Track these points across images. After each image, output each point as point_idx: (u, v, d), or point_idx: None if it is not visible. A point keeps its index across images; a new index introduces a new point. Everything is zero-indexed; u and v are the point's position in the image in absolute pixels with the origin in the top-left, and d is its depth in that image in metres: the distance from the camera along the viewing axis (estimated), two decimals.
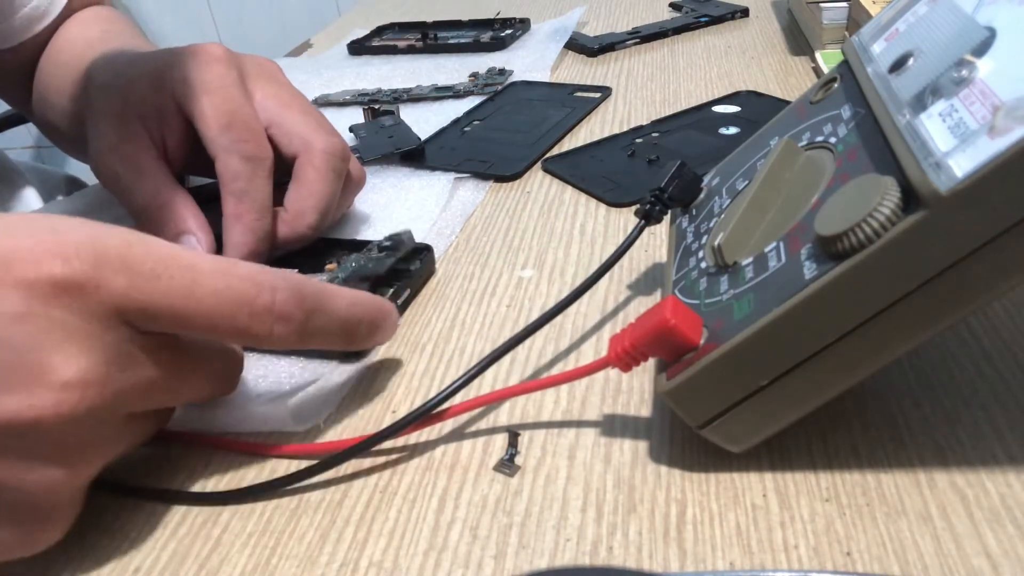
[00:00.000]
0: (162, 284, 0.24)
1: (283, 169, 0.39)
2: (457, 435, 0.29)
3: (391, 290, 0.35)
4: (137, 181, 0.37)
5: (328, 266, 0.38)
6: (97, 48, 0.48)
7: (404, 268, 0.37)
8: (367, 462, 0.28)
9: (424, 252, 0.38)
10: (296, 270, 0.36)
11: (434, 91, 0.63)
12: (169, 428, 0.30)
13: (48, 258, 0.22)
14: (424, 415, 0.27)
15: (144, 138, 0.38)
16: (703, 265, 0.28)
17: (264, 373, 0.32)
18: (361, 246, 0.39)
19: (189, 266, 0.25)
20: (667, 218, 0.33)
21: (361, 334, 0.29)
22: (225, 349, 0.29)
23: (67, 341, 0.22)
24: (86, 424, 0.23)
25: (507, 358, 0.32)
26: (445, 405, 0.27)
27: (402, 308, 0.36)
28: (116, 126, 0.38)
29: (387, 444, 0.28)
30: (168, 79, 0.38)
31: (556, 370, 0.31)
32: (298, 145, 0.39)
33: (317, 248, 0.39)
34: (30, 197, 0.65)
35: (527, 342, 0.33)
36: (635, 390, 0.30)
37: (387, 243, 0.38)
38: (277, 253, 0.39)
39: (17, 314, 0.22)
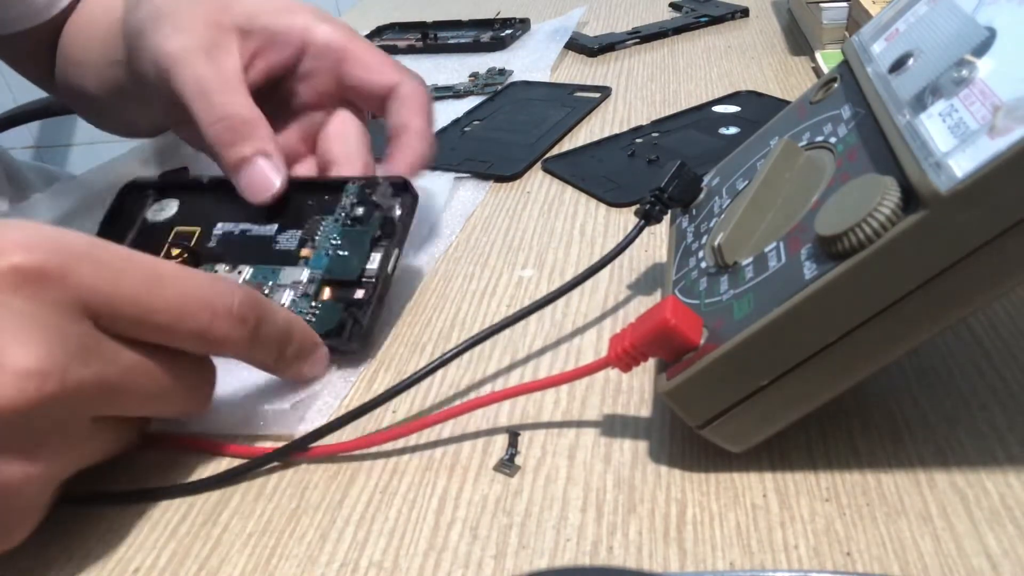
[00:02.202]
0: (127, 277, 0.24)
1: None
2: (457, 435, 0.29)
3: (379, 256, 0.34)
4: (225, 88, 0.35)
5: (304, 251, 0.35)
6: None
7: (386, 218, 0.35)
8: (367, 462, 0.28)
9: (403, 192, 0.35)
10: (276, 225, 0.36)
11: (434, 91, 0.63)
12: (168, 432, 0.30)
13: (11, 248, 0.23)
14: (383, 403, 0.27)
15: (236, 51, 0.37)
16: (703, 265, 0.28)
17: (263, 375, 0.32)
18: (330, 190, 0.36)
19: (152, 265, 0.25)
20: (667, 218, 0.33)
21: (291, 352, 0.30)
22: (196, 361, 0.28)
23: (26, 331, 0.22)
24: (48, 418, 0.22)
25: (507, 358, 0.32)
26: (437, 402, 0.27)
27: (392, 275, 0.34)
28: (206, 28, 0.36)
29: (387, 445, 0.29)
30: (301, 15, 0.38)
31: (556, 370, 0.31)
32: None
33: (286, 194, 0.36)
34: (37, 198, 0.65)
35: (527, 341, 0.33)
36: (635, 390, 0.30)
37: (359, 211, 0.35)
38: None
39: None
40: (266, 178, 0.35)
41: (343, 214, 0.36)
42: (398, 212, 0.35)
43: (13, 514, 0.23)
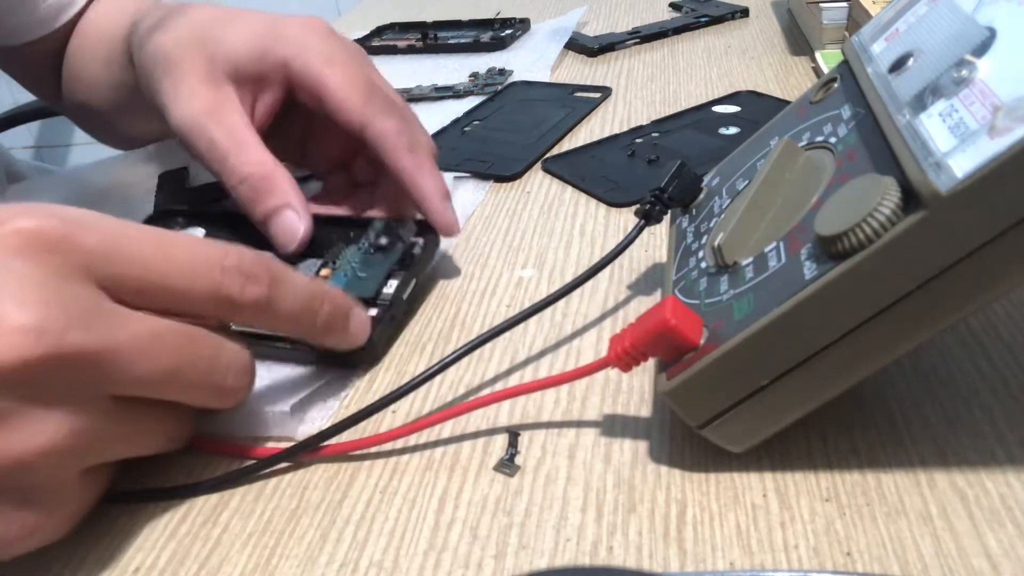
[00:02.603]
0: (132, 241, 0.24)
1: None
2: (457, 435, 0.29)
3: (396, 283, 0.34)
4: (238, 150, 0.36)
5: (323, 272, 0.36)
6: (141, 9, 0.47)
7: (408, 252, 0.36)
8: (367, 462, 0.28)
9: (427, 233, 0.37)
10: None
11: (434, 91, 0.63)
12: None
13: (14, 214, 0.23)
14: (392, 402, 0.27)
15: (237, 103, 0.37)
16: (703, 265, 0.28)
17: (265, 376, 0.32)
18: (357, 227, 0.37)
19: (156, 231, 0.25)
20: (667, 218, 0.33)
21: (322, 319, 0.29)
22: (224, 339, 0.27)
23: (25, 291, 0.22)
24: (51, 383, 0.22)
25: (507, 359, 0.32)
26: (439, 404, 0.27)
27: (409, 301, 0.35)
28: (206, 87, 0.37)
29: (387, 445, 0.29)
30: (278, 48, 0.37)
31: (556, 370, 0.31)
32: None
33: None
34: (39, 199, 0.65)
35: (526, 342, 0.33)
36: (635, 390, 0.30)
37: (383, 240, 0.36)
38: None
39: None
40: (291, 228, 0.35)
41: (367, 243, 0.36)
42: (419, 248, 0.36)
43: (40, 492, 0.23)
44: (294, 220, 0.35)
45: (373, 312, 0.34)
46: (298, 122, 0.41)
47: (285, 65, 0.37)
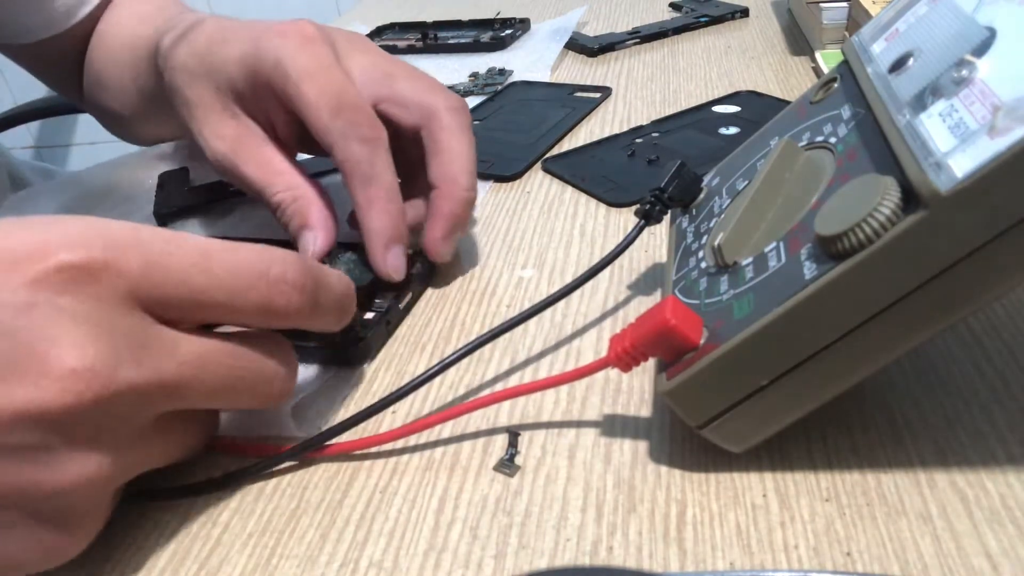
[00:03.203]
0: (174, 260, 0.24)
1: (400, 145, 0.37)
2: (457, 435, 0.29)
3: (392, 294, 0.35)
4: (268, 181, 0.36)
5: None
6: (155, 19, 0.46)
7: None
8: (367, 462, 0.28)
9: (421, 256, 0.38)
10: None
11: None
12: None
13: (55, 246, 0.22)
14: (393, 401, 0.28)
15: (255, 128, 0.37)
16: (703, 265, 0.28)
17: None
18: (357, 245, 0.38)
19: (199, 244, 0.25)
20: (667, 218, 0.33)
21: (350, 309, 0.29)
22: (269, 345, 0.27)
23: (74, 329, 0.21)
24: (104, 417, 0.22)
25: (507, 359, 0.32)
26: (440, 405, 0.27)
27: (404, 312, 0.36)
28: (226, 124, 0.37)
29: (387, 445, 0.29)
30: (260, 66, 0.35)
31: (556, 370, 0.31)
32: (418, 114, 0.38)
33: None
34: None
35: (526, 342, 0.33)
36: (635, 390, 0.30)
37: None
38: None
39: (23, 305, 0.21)
40: (305, 248, 0.36)
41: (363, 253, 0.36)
42: (418, 267, 0.37)
43: (74, 515, 0.23)
44: (309, 239, 0.36)
45: (369, 316, 0.34)
46: None
47: (270, 85, 0.35)
